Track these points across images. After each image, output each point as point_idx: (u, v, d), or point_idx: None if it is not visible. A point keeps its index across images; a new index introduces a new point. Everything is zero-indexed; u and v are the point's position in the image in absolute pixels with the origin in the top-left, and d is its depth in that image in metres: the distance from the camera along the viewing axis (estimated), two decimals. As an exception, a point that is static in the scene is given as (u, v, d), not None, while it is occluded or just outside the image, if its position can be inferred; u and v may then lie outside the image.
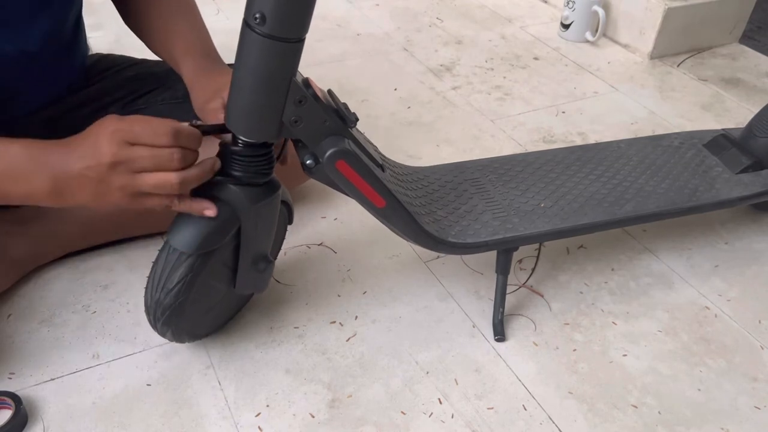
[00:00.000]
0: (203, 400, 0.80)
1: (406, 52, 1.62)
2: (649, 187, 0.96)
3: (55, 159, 0.67)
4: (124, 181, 0.66)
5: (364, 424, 0.79)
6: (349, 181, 0.73)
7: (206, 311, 0.81)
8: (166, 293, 0.73)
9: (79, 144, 0.67)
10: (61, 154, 0.67)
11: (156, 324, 0.77)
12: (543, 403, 0.83)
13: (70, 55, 0.94)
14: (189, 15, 0.91)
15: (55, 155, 0.67)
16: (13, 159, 0.67)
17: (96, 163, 0.65)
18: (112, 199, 0.68)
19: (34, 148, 0.68)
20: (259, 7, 0.58)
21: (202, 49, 0.88)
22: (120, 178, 0.66)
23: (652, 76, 1.59)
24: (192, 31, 0.90)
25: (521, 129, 1.36)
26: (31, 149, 0.67)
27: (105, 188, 0.67)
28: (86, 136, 0.67)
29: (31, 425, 0.76)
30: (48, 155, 0.67)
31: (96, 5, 1.68)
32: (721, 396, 0.85)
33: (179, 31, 0.89)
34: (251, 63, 0.62)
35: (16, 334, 0.86)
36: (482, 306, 0.95)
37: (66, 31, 0.89)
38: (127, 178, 0.66)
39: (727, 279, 1.03)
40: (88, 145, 0.66)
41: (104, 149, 0.65)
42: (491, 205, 0.90)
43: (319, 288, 0.96)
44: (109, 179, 0.66)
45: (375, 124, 1.33)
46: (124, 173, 0.66)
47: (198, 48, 0.88)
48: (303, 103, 0.66)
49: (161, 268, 0.73)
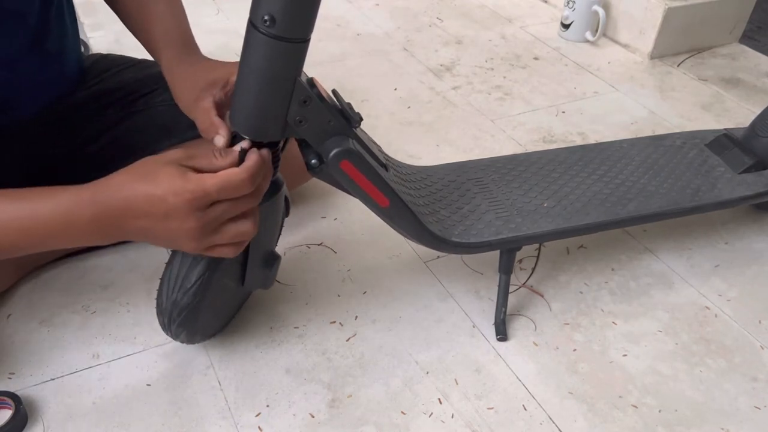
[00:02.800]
0: (203, 400, 0.80)
1: (406, 52, 1.62)
2: (652, 187, 0.96)
3: (124, 222, 0.62)
4: (204, 240, 0.63)
5: (364, 424, 0.79)
6: (353, 181, 0.73)
7: (217, 310, 0.81)
8: (184, 293, 0.73)
9: (148, 213, 0.61)
10: (130, 217, 0.62)
11: (171, 325, 0.77)
12: (543, 403, 0.83)
13: (61, 61, 0.93)
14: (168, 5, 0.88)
15: (122, 221, 0.62)
16: (73, 224, 0.62)
17: (179, 229, 0.61)
18: (178, 248, 0.65)
19: (98, 209, 0.62)
20: (268, 9, 0.58)
21: (180, 36, 0.85)
22: (200, 238, 0.63)
23: (652, 76, 1.59)
24: (171, 18, 0.86)
25: (521, 129, 1.35)
26: (95, 212, 0.62)
27: (179, 244, 0.64)
28: (152, 200, 0.60)
29: (31, 425, 0.76)
30: (112, 220, 0.62)
31: (96, 5, 1.67)
32: (721, 396, 0.85)
33: (157, 15, 0.86)
34: (257, 63, 0.62)
35: (16, 334, 0.86)
36: (482, 306, 0.95)
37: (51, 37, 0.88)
38: (207, 238, 0.63)
39: (727, 279, 1.03)
40: (161, 214, 0.61)
41: (188, 223, 0.61)
42: (494, 205, 0.90)
43: (319, 288, 0.96)
44: (187, 240, 0.63)
45: (375, 124, 1.33)
46: (205, 235, 0.63)
47: (176, 36, 0.85)
48: (308, 103, 0.66)
49: (177, 269, 0.73)
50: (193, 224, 0.61)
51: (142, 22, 0.87)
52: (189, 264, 0.73)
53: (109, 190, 0.62)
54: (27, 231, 0.62)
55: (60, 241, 0.64)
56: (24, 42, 0.83)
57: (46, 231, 0.62)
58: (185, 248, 0.65)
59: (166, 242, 0.64)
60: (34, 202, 0.62)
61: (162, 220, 0.61)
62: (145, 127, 0.95)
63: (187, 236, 0.62)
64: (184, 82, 0.79)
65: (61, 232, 0.62)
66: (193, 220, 0.61)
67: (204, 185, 0.61)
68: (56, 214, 0.62)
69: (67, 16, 0.92)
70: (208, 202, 0.61)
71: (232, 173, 0.62)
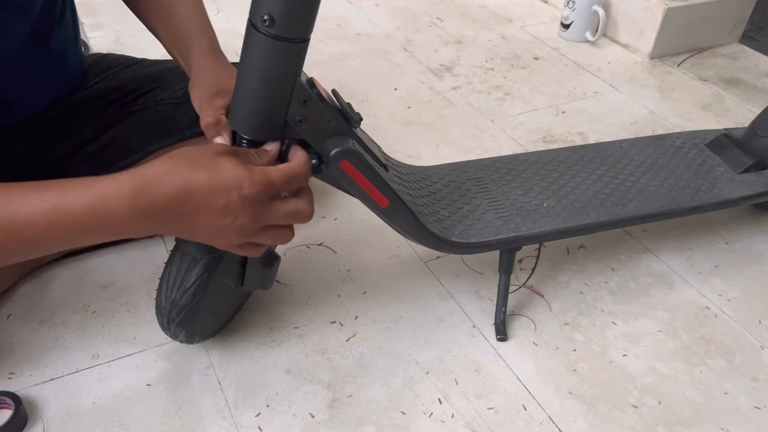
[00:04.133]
0: (203, 400, 0.80)
1: (406, 52, 1.62)
2: (652, 187, 0.96)
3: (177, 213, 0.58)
4: (244, 235, 0.61)
5: (364, 424, 0.79)
6: (353, 181, 0.73)
7: (216, 310, 0.82)
8: (183, 293, 0.73)
9: (204, 206, 0.57)
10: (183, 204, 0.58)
11: (170, 325, 0.77)
12: (543, 403, 0.83)
13: (62, 60, 0.93)
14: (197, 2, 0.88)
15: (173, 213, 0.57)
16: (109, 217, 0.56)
17: (231, 224, 0.58)
18: (211, 243, 0.62)
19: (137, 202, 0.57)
20: (268, 9, 0.58)
21: (211, 34, 0.85)
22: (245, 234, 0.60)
23: (652, 76, 1.59)
24: (201, 15, 0.86)
25: (521, 129, 1.35)
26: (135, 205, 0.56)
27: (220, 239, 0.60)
28: (214, 191, 0.57)
29: (31, 425, 0.76)
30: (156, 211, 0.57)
31: (96, 5, 1.68)
32: (721, 396, 0.85)
33: (187, 10, 0.85)
34: (257, 63, 0.62)
35: (16, 334, 0.86)
36: (482, 306, 0.95)
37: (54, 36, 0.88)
38: (248, 234, 0.61)
39: (727, 279, 1.03)
40: (219, 207, 0.57)
41: (242, 218, 0.58)
42: (494, 205, 0.90)
43: (319, 288, 0.96)
44: (234, 235, 0.60)
45: (375, 124, 1.33)
46: (251, 233, 0.61)
47: (209, 31, 0.85)
48: (307, 103, 0.66)
49: (176, 269, 0.73)
50: (246, 219, 0.59)
51: (171, 20, 0.85)
52: (188, 264, 0.73)
53: (154, 180, 0.56)
54: (56, 225, 0.56)
55: (92, 237, 0.58)
56: (27, 40, 0.83)
57: (78, 225, 0.56)
58: (222, 243, 0.62)
59: (207, 236, 0.60)
60: (65, 193, 0.56)
61: (218, 212, 0.58)
62: (145, 126, 0.96)
63: (236, 231, 0.60)
64: (210, 73, 0.77)
65: (94, 226, 0.56)
66: (250, 214, 0.59)
67: (270, 177, 0.59)
68: (90, 206, 0.56)
69: (69, 15, 0.92)
70: (270, 194, 0.60)
71: (296, 165, 0.63)
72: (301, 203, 0.64)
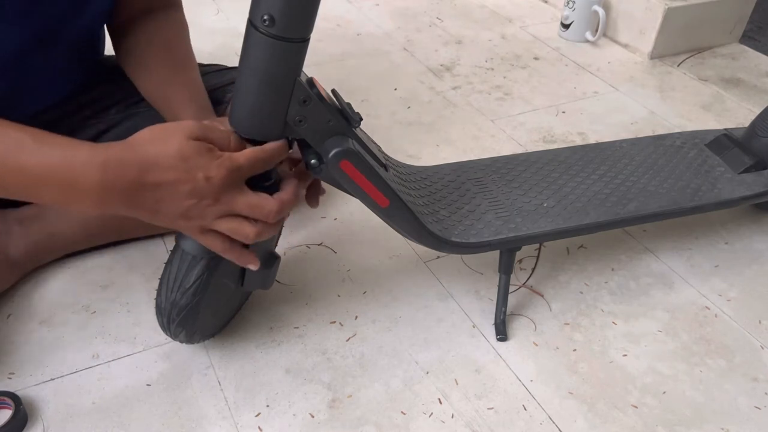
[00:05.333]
0: (203, 400, 0.80)
1: (406, 52, 1.62)
2: (652, 187, 0.96)
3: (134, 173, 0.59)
4: (205, 218, 0.62)
5: (364, 424, 0.79)
6: (353, 181, 0.73)
7: (216, 310, 0.82)
8: (183, 293, 0.73)
9: (171, 167, 0.59)
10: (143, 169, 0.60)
11: (170, 326, 0.77)
12: (543, 403, 0.83)
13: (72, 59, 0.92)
14: (193, 70, 0.89)
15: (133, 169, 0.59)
16: (76, 166, 0.59)
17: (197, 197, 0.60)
18: (173, 225, 0.63)
19: (99, 153, 0.60)
20: (267, 9, 0.58)
21: (203, 101, 0.87)
22: (203, 213, 0.61)
23: (652, 76, 1.59)
24: (196, 85, 0.88)
25: (521, 129, 1.35)
26: (95, 154, 0.59)
27: (176, 217, 0.61)
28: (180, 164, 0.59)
29: (31, 425, 0.76)
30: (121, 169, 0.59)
31: (95, 4, 1.67)
32: (721, 396, 0.85)
33: (182, 82, 0.87)
34: (256, 63, 0.62)
35: (16, 334, 0.86)
36: (482, 306, 0.95)
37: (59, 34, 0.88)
38: (210, 217, 0.62)
39: (727, 279, 1.03)
40: (186, 174, 0.59)
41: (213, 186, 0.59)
42: (494, 205, 0.90)
43: (319, 288, 0.96)
44: (191, 213, 0.61)
45: (375, 124, 1.33)
46: (213, 215, 0.62)
47: (201, 100, 0.87)
48: (307, 102, 0.66)
49: (176, 269, 0.73)
50: (210, 201, 0.61)
51: (164, 88, 0.87)
52: (188, 264, 0.73)
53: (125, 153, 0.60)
54: (22, 172, 0.59)
55: (56, 198, 0.60)
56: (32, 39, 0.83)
57: (46, 178, 0.59)
58: (185, 226, 0.63)
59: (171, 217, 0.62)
60: (43, 144, 0.59)
61: (184, 193, 0.60)
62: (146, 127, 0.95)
63: (200, 213, 0.61)
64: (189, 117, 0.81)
65: (61, 186, 0.59)
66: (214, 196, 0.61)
67: (236, 160, 0.62)
68: (63, 162, 0.59)
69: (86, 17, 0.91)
70: (236, 179, 0.62)
71: (261, 149, 0.64)
72: (268, 200, 0.65)
